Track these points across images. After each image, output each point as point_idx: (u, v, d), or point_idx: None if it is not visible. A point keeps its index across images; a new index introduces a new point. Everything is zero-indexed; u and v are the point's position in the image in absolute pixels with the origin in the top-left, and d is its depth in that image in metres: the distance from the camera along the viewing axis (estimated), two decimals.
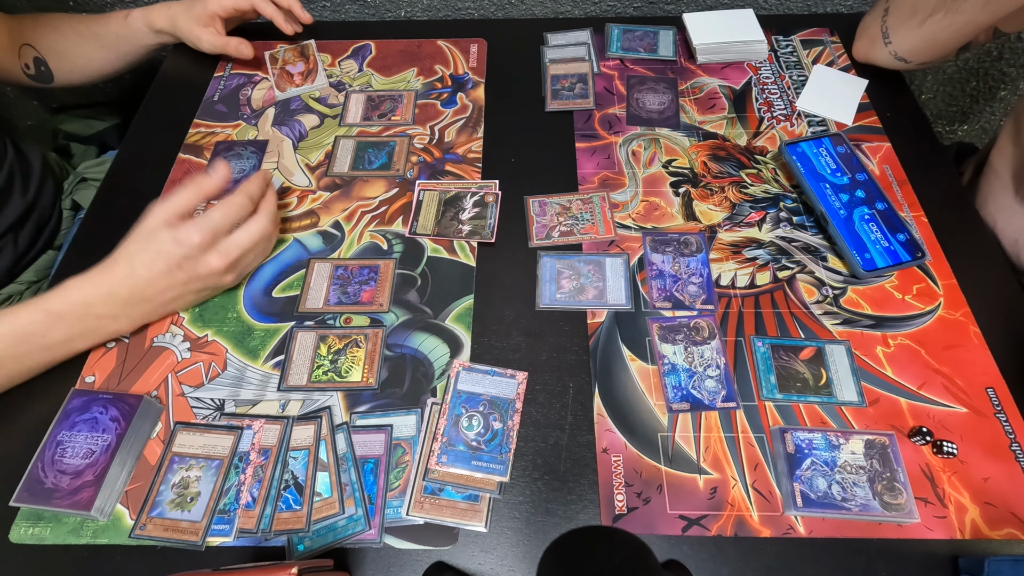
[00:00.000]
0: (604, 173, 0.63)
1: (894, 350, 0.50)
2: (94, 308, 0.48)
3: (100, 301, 0.48)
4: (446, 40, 0.76)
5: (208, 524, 0.43)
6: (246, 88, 0.71)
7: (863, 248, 0.54)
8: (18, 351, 0.47)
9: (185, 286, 0.50)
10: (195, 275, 0.50)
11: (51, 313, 0.47)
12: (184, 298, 0.52)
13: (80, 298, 0.48)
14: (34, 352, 0.48)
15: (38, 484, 0.43)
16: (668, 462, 0.46)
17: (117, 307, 0.49)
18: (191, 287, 0.51)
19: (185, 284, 0.50)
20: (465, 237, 0.58)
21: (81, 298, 0.48)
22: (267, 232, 0.53)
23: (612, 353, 0.51)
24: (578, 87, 0.70)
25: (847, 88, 0.68)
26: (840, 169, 0.59)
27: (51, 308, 0.47)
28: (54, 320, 0.47)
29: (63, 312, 0.47)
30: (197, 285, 0.51)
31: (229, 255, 0.50)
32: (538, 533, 0.44)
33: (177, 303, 0.52)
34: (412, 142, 0.66)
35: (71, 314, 0.48)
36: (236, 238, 0.51)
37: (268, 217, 0.53)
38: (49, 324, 0.47)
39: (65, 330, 0.48)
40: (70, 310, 0.48)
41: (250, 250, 0.52)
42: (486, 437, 0.47)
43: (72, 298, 0.48)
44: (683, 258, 0.56)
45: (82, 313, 0.48)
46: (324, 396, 0.49)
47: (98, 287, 0.48)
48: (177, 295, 0.51)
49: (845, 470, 0.44)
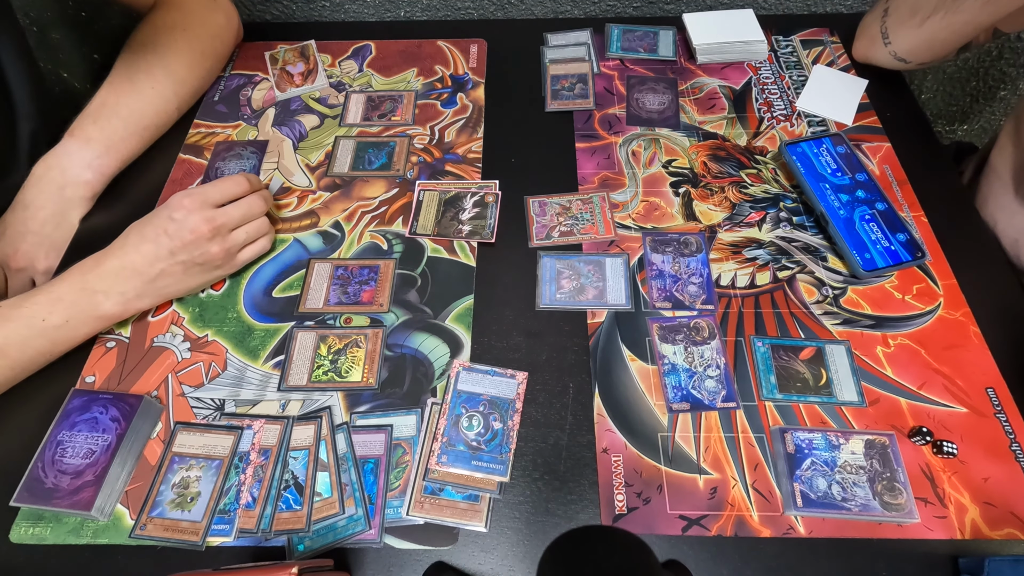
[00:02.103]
0: (604, 173, 0.63)
1: (894, 350, 0.50)
2: (88, 284, 0.49)
3: (93, 276, 0.49)
4: (446, 40, 0.76)
5: (208, 524, 0.43)
6: (246, 88, 0.71)
7: (863, 248, 0.54)
8: (19, 335, 0.47)
9: (172, 256, 0.49)
10: (180, 241, 0.49)
11: (51, 294, 0.48)
12: (172, 272, 0.50)
13: (79, 277, 0.49)
14: (34, 337, 0.47)
15: (38, 484, 0.43)
16: (668, 462, 0.46)
17: (110, 281, 0.49)
18: (178, 257, 0.50)
19: (172, 253, 0.49)
20: (465, 237, 0.58)
21: (80, 277, 0.49)
22: (259, 210, 0.54)
23: (612, 353, 0.51)
24: (578, 87, 0.70)
25: (847, 88, 0.68)
26: (840, 169, 0.59)
27: (52, 289, 0.48)
28: (54, 301, 0.48)
29: (62, 293, 0.48)
30: (183, 256, 0.50)
31: (215, 220, 0.50)
32: (538, 533, 0.44)
33: (166, 280, 0.51)
34: (412, 142, 0.66)
35: (69, 293, 0.48)
36: (225, 208, 0.52)
37: (263, 199, 0.54)
38: (50, 305, 0.47)
39: (63, 311, 0.48)
40: (69, 289, 0.48)
41: (241, 226, 0.53)
42: (486, 437, 0.47)
43: (72, 279, 0.49)
44: (683, 258, 0.56)
45: (78, 290, 0.48)
46: (324, 396, 0.49)
47: (95, 264, 0.49)
48: (165, 268, 0.50)
49: (845, 470, 0.44)
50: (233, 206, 0.52)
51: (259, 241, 0.55)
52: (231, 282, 0.56)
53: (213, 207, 0.51)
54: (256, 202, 0.54)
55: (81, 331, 0.50)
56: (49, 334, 0.48)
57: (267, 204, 0.55)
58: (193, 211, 0.50)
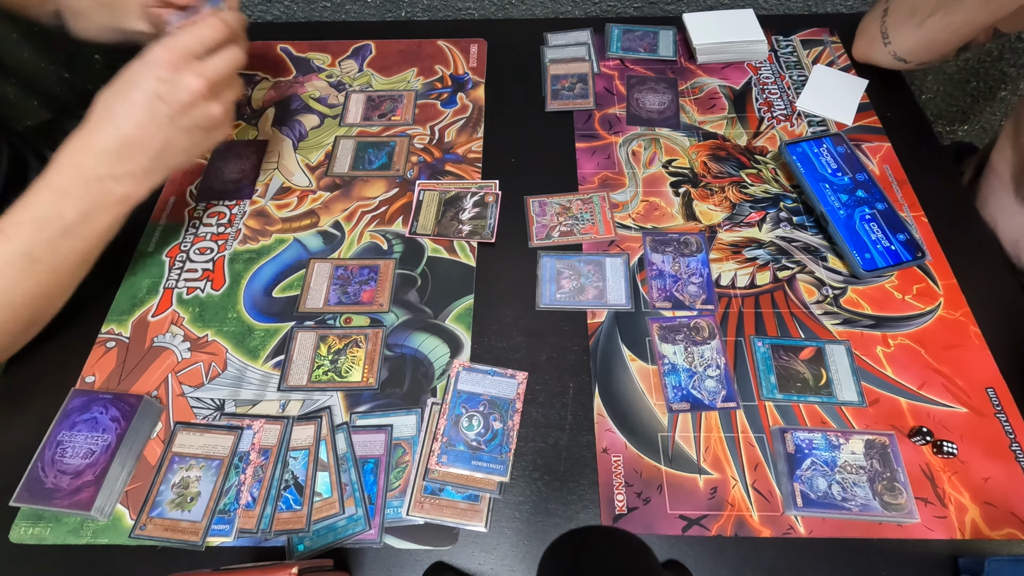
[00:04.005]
0: (604, 173, 0.63)
1: (894, 350, 0.50)
2: (91, 170, 0.44)
3: (93, 161, 0.44)
4: (446, 40, 0.76)
5: (208, 524, 0.43)
6: (246, 88, 0.71)
7: (863, 248, 0.54)
8: (44, 238, 0.44)
9: (172, 123, 0.45)
10: (178, 103, 0.45)
11: (54, 188, 0.44)
12: (177, 141, 0.46)
13: (73, 163, 0.44)
14: (61, 238, 0.44)
15: (38, 484, 0.43)
16: (668, 462, 0.46)
17: (112, 163, 0.44)
18: (179, 123, 0.46)
19: (171, 120, 0.45)
20: (465, 237, 0.58)
21: (74, 163, 0.44)
22: (242, 60, 0.49)
23: (612, 353, 0.51)
24: (578, 87, 0.70)
25: (847, 88, 0.68)
26: (840, 169, 0.59)
27: (52, 183, 0.44)
28: (61, 196, 0.44)
29: (66, 186, 0.44)
30: (185, 121, 0.46)
31: (207, 74, 0.45)
32: (538, 533, 0.44)
33: (172, 150, 0.47)
34: (412, 142, 0.66)
35: (73, 185, 0.44)
36: (213, 60, 0.46)
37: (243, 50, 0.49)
38: (59, 202, 0.44)
39: (75, 204, 0.44)
40: (70, 181, 0.44)
41: (229, 77, 0.48)
42: (486, 437, 0.47)
43: (65, 166, 0.44)
44: (683, 258, 0.56)
45: (83, 179, 0.44)
46: (324, 396, 0.49)
47: (86, 145, 0.44)
48: (168, 138, 0.46)
49: (845, 470, 0.44)
50: (219, 59, 0.47)
51: None
52: (231, 282, 0.56)
53: (197, 59, 0.46)
54: (237, 53, 0.48)
55: (104, 221, 0.46)
56: (73, 230, 0.44)
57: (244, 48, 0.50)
58: (181, 68, 0.44)
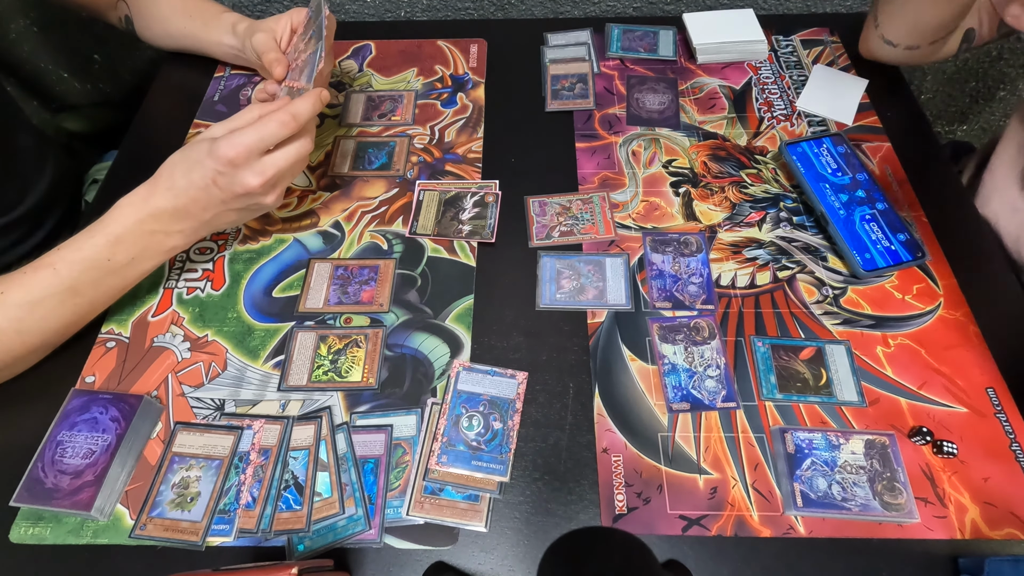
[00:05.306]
0: (604, 173, 0.63)
1: (894, 350, 0.50)
2: (146, 225, 0.48)
3: (150, 217, 0.48)
4: (446, 40, 0.76)
5: (208, 524, 0.43)
6: (246, 88, 0.71)
7: (863, 248, 0.54)
8: (90, 277, 0.47)
9: (224, 204, 0.49)
10: (232, 194, 0.48)
11: (110, 236, 0.47)
12: (226, 216, 0.50)
13: (133, 217, 0.48)
14: (105, 277, 0.48)
15: (38, 484, 0.43)
16: (668, 462, 0.46)
17: (166, 222, 0.48)
18: (231, 206, 0.49)
19: (224, 203, 0.49)
20: (465, 237, 0.58)
21: (134, 217, 0.48)
22: (307, 152, 0.50)
23: (612, 353, 0.51)
24: (578, 87, 0.70)
25: (847, 88, 0.68)
26: (840, 169, 0.59)
27: (109, 231, 0.47)
28: (114, 243, 0.47)
29: (121, 234, 0.47)
30: (237, 204, 0.49)
31: (265, 174, 0.47)
32: (538, 533, 0.44)
33: (221, 220, 0.50)
34: (412, 142, 0.66)
35: (128, 234, 0.48)
36: (274, 158, 0.48)
37: (311, 138, 0.51)
38: (111, 247, 0.47)
39: (127, 251, 0.48)
40: (126, 231, 0.48)
41: (288, 171, 0.49)
42: (486, 437, 0.47)
43: (125, 218, 0.48)
44: (683, 258, 0.56)
45: (137, 231, 0.48)
46: (324, 396, 0.49)
47: (145, 203, 0.48)
48: (218, 213, 0.49)
49: (845, 470, 0.44)
50: (282, 155, 0.48)
51: None
52: (231, 282, 0.56)
53: (260, 156, 0.48)
54: (306, 145, 0.50)
55: (148, 265, 0.50)
56: (119, 272, 0.48)
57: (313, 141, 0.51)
58: (240, 166, 0.47)
